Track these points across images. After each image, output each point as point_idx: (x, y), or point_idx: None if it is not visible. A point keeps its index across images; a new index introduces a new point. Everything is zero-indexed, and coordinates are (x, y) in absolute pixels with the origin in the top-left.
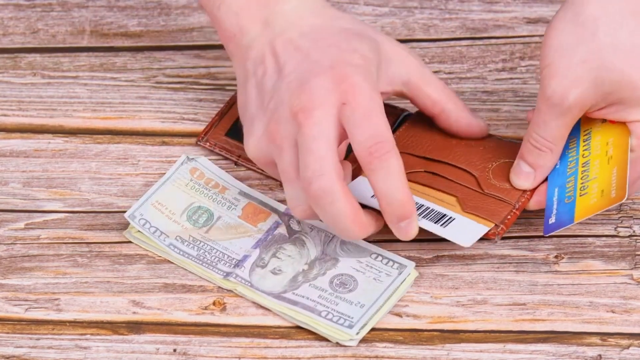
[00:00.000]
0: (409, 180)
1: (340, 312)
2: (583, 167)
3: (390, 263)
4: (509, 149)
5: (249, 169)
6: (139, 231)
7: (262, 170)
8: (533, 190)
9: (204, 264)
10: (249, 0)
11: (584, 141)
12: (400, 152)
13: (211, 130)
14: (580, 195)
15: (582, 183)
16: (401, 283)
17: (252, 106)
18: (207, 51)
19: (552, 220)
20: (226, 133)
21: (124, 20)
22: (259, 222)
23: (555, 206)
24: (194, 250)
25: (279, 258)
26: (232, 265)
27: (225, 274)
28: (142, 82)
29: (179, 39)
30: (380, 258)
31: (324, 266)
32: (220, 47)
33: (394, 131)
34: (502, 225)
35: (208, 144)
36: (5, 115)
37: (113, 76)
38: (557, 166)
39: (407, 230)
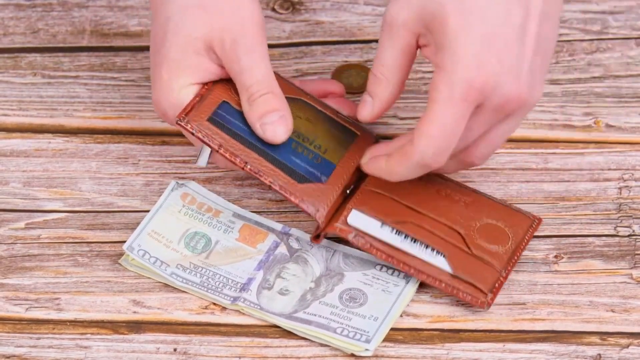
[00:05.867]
0: (399, 228)
1: (355, 327)
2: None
3: (396, 273)
4: (488, 207)
5: (228, 160)
6: (134, 259)
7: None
8: (518, 256)
9: (209, 290)
10: None
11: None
12: (382, 195)
13: (194, 110)
14: (324, 153)
15: (310, 144)
16: (409, 291)
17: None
18: None
19: (324, 178)
20: (210, 116)
21: (124, 20)
22: (258, 242)
23: (311, 169)
24: (196, 277)
25: (284, 278)
26: (238, 290)
27: (232, 298)
28: (142, 82)
29: None
30: (385, 269)
31: (331, 282)
32: None
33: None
34: (490, 294)
35: (190, 125)
36: (5, 115)
37: (113, 76)
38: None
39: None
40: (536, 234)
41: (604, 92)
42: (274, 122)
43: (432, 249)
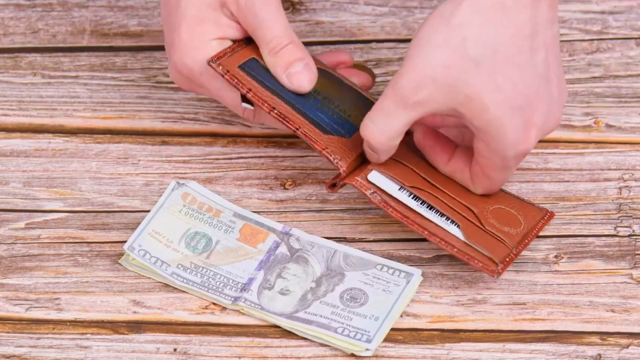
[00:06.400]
0: (417, 195)
1: (356, 327)
2: (317, 94)
3: (397, 273)
4: (501, 196)
5: (256, 104)
6: (134, 259)
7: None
8: (529, 240)
9: (209, 290)
10: None
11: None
12: (403, 164)
13: (225, 57)
14: (348, 116)
15: (335, 106)
16: (409, 291)
17: None
18: None
19: (347, 136)
20: (240, 65)
21: (124, 20)
22: (258, 242)
23: (335, 126)
24: (197, 277)
25: (284, 278)
26: (239, 290)
27: (233, 298)
28: (142, 82)
29: None
30: (385, 269)
31: (331, 282)
32: None
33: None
34: (501, 265)
35: (221, 68)
36: (5, 115)
37: (113, 76)
38: (292, 94)
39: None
40: None
41: (604, 92)
42: (300, 71)
43: (447, 218)
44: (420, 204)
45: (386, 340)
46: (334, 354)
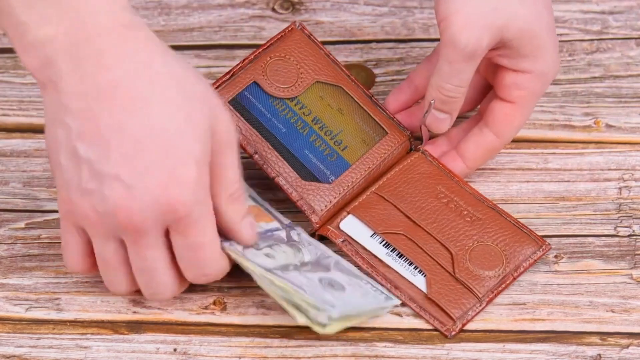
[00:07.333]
0: (388, 240)
1: (325, 300)
2: (315, 123)
3: (379, 292)
4: (496, 224)
5: (239, 142)
6: None
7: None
8: (513, 279)
9: None
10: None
11: (292, 102)
12: (387, 201)
13: (217, 90)
14: (342, 150)
15: (331, 138)
16: (382, 309)
17: (66, 154)
18: (207, 51)
19: (332, 178)
20: (230, 99)
21: None
22: (262, 222)
23: (322, 166)
24: None
25: (273, 250)
26: (229, 243)
27: (221, 240)
28: None
29: (179, 38)
30: (370, 285)
31: (316, 269)
32: (220, 47)
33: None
34: (459, 323)
35: None
36: (5, 115)
37: None
38: (283, 130)
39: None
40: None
41: (604, 92)
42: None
43: (415, 267)
44: (391, 251)
45: (386, 340)
46: (334, 354)
